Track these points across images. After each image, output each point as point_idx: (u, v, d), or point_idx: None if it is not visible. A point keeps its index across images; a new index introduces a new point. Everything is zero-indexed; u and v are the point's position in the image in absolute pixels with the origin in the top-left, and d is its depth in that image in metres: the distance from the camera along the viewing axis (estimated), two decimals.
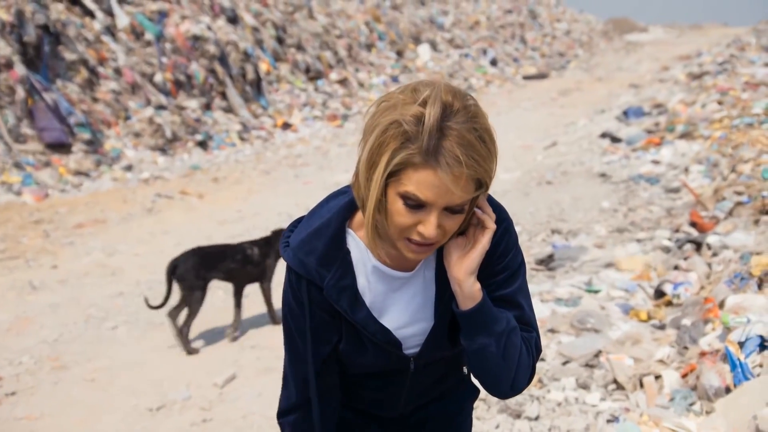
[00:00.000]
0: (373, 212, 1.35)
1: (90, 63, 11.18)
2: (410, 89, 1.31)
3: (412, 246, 1.36)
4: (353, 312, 1.47)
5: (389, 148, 1.28)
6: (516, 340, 1.47)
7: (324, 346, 1.53)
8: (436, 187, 1.27)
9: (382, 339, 1.50)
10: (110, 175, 9.60)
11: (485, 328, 1.45)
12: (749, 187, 6.25)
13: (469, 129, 1.27)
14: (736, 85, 12.69)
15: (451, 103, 1.28)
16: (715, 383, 3.19)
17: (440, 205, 1.30)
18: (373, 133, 1.30)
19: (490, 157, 1.30)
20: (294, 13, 17.91)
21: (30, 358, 4.44)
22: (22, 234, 6.95)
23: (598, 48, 35.40)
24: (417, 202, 1.30)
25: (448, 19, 26.95)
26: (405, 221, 1.32)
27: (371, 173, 1.32)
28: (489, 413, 3.50)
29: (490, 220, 1.42)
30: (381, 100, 1.34)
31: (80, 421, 3.76)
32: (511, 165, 9.85)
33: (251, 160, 11.13)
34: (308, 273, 1.47)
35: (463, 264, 1.42)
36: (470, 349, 1.47)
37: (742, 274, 4.12)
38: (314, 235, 1.48)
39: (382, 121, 1.30)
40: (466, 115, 1.28)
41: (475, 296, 1.43)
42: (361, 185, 1.36)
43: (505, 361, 1.46)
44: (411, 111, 1.27)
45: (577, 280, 5.16)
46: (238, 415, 3.79)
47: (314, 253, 1.46)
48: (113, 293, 5.51)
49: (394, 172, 1.30)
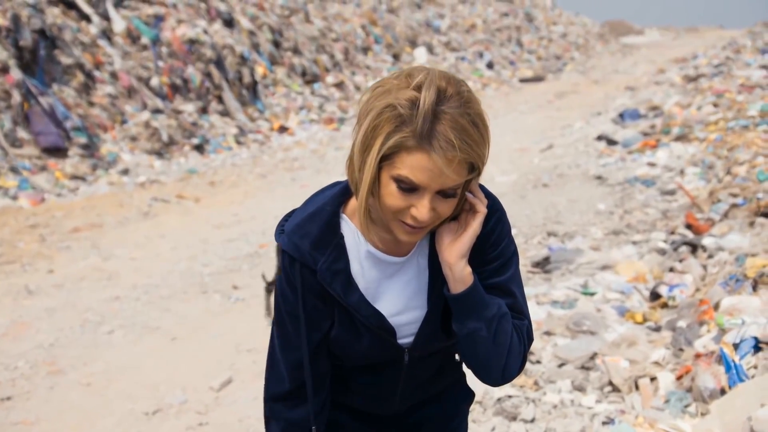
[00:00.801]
0: (366, 195, 1.37)
1: (86, 67, 11.17)
2: (404, 74, 1.34)
3: (406, 227, 1.38)
4: (346, 295, 1.48)
5: (383, 131, 1.30)
6: (507, 326, 1.48)
7: (315, 332, 1.53)
8: (429, 170, 1.30)
9: (375, 323, 1.50)
10: (106, 179, 9.59)
11: (476, 312, 1.46)
12: (744, 189, 6.27)
13: (462, 114, 1.30)
14: (732, 87, 12.72)
15: (445, 88, 1.31)
16: (710, 385, 3.20)
17: (433, 188, 1.32)
18: (368, 117, 1.33)
19: (482, 141, 1.33)
20: (290, 17, 17.92)
21: (26, 363, 4.43)
22: (18, 238, 6.94)
23: (594, 51, 35.45)
24: (410, 185, 1.32)
25: (444, 22, 26.98)
26: (398, 204, 1.34)
27: (365, 156, 1.34)
28: (485, 416, 3.50)
29: (481, 204, 1.44)
30: (375, 85, 1.36)
31: (76, 426, 3.76)
32: (508, 168, 9.86)
33: (248, 164, 11.13)
34: (302, 256, 1.48)
35: (454, 247, 1.44)
36: (461, 333, 1.48)
37: (737, 276, 4.13)
38: (309, 219, 1.49)
39: (376, 105, 1.32)
40: (459, 100, 1.31)
41: (465, 280, 1.44)
42: (354, 168, 1.38)
43: (495, 346, 1.47)
44: (405, 95, 1.29)
45: (572, 283, 5.17)
46: (234, 418, 3.79)
47: (308, 237, 1.48)
48: (109, 297, 5.51)
49: (388, 155, 1.32)
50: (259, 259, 6.37)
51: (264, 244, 6.77)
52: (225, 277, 5.95)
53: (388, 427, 1.74)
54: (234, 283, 5.76)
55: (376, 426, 1.73)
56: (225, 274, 6.01)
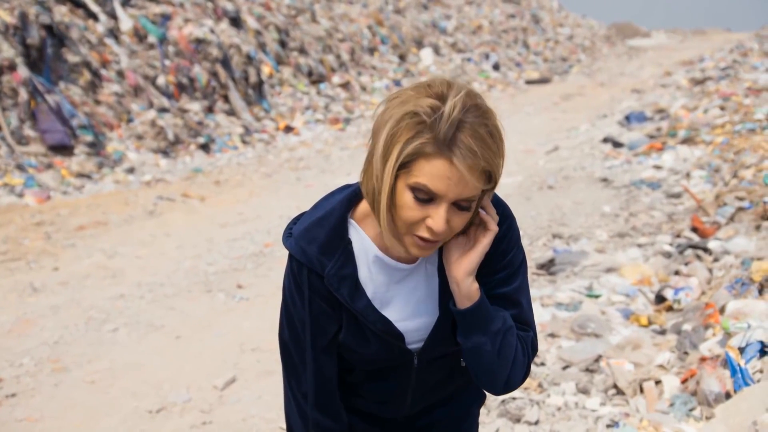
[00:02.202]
0: (387, 203, 1.35)
1: (93, 65, 11.20)
2: (423, 85, 1.35)
3: (419, 241, 1.37)
4: (353, 301, 1.48)
5: (402, 138, 1.30)
6: (512, 340, 1.49)
7: (321, 337, 1.53)
8: (447, 179, 1.29)
9: (382, 329, 1.50)
10: (112, 178, 9.61)
11: (481, 327, 1.46)
12: (751, 193, 6.25)
13: (481, 124, 1.31)
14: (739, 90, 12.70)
15: (465, 99, 1.31)
16: (715, 389, 3.19)
17: (450, 197, 1.31)
18: (386, 126, 1.32)
19: (499, 153, 1.35)
20: (297, 17, 17.94)
21: (30, 360, 4.45)
22: (23, 236, 6.96)
23: (600, 53, 35.41)
24: (428, 195, 1.31)
25: (450, 23, 26.97)
26: (414, 215, 1.34)
27: (384, 164, 1.33)
28: (489, 417, 3.50)
29: (493, 222, 1.44)
30: (391, 97, 1.36)
31: (80, 423, 3.77)
32: (513, 169, 9.85)
33: (253, 163, 11.15)
34: (309, 261, 1.47)
35: (462, 264, 1.44)
36: (466, 346, 1.49)
37: (742, 279, 4.12)
38: (317, 224, 1.49)
39: (395, 113, 1.32)
40: (478, 111, 1.32)
41: (472, 296, 1.44)
42: (373, 176, 1.37)
43: (500, 359, 1.48)
44: (427, 102, 1.30)
45: (577, 285, 5.16)
46: (238, 417, 3.79)
47: (316, 242, 1.47)
48: (114, 295, 5.52)
49: (405, 163, 1.31)
50: (263, 259, 6.37)
51: (269, 243, 6.77)
52: (229, 276, 5.96)
53: (398, 430, 1.74)
54: (238, 282, 5.77)
55: (387, 428, 1.73)
56: (229, 273, 6.02)
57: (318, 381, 1.56)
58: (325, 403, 1.58)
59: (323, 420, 1.59)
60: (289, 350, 1.59)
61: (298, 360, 1.57)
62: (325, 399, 1.58)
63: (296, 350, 1.57)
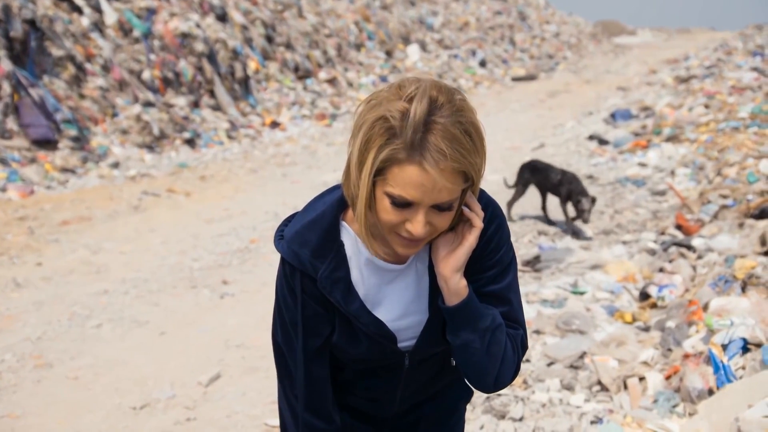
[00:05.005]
0: (364, 211, 1.35)
1: (77, 59, 11.10)
2: (396, 86, 1.33)
3: (403, 240, 1.37)
4: (346, 303, 1.48)
5: (375, 144, 1.29)
6: (501, 337, 1.48)
7: (314, 338, 1.53)
8: (421, 185, 1.28)
9: (375, 331, 1.50)
10: (97, 173, 9.54)
11: (470, 324, 1.45)
12: (734, 191, 6.30)
13: (454, 123, 1.28)
14: (723, 89, 12.80)
15: (436, 98, 1.29)
16: (698, 385, 3.21)
17: (427, 203, 1.31)
18: (361, 131, 1.31)
19: (475, 151, 1.31)
20: (283, 12, 17.87)
21: (12, 356, 4.40)
22: (6, 231, 6.90)
23: (586, 50, 35.53)
24: (404, 201, 1.30)
25: (437, 19, 26.97)
26: (393, 219, 1.33)
27: (360, 171, 1.32)
28: (473, 414, 3.50)
29: (478, 219, 1.43)
30: (369, 98, 1.35)
31: (63, 420, 3.74)
32: (500, 166, 9.87)
33: (239, 159, 11.10)
34: (302, 264, 1.47)
35: (449, 261, 1.43)
36: (455, 344, 1.49)
37: (726, 277, 4.14)
38: (308, 227, 1.48)
39: (368, 118, 1.31)
40: (451, 110, 1.28)
41: (460, 293, 1.44)
42: (351, 183, 1.37)
43: (489, 357, 1.47)
44: (396, 106, 1.28)
45: (562, 282, 5.18)
46: (222, 414, 3.78)
47: (308, 245, 1.47)
48: (98, 291, 5.48)
49: (381, 170, 1.30)
50: (249, 255, 6.35)
51: (254, 239, 6.75)
52: (215, 272, 5.94)
53: (387, 426, 1.74)
54: (224, 278, 5.74)
55: (376, 425, 1.73)
56: (215, 269, 5.99)
57: (309, 383, 1.56)
58: (316, 405, 1.58)
59: (314, 421, 1.59)
60: (282, 352, 1.58)
61: (290, 362, 1.57)
62: (316, 401, 1.58)
63: (289, 352, 1.57)
